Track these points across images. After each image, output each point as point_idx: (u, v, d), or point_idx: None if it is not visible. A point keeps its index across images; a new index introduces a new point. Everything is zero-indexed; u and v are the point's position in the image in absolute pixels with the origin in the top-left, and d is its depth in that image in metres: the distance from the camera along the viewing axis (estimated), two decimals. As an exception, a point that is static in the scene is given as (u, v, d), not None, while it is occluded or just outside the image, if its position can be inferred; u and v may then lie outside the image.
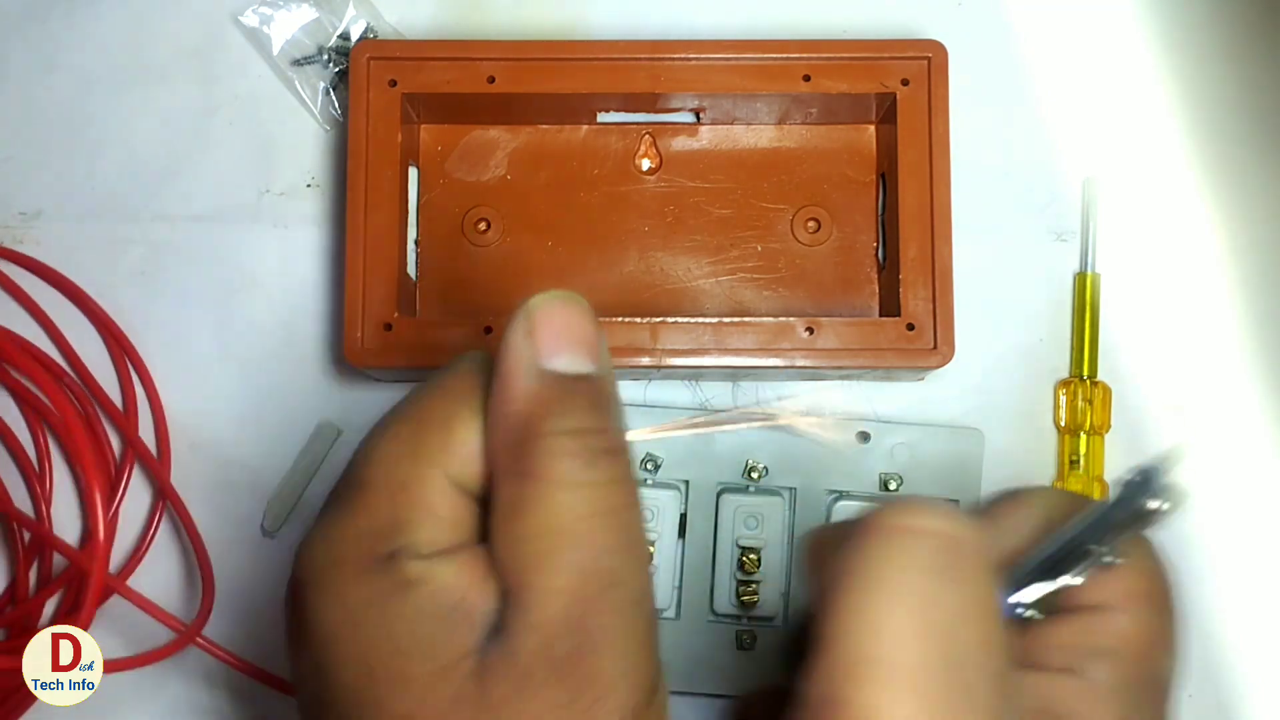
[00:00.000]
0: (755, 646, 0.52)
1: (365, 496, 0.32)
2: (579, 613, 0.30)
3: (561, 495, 0.31)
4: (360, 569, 0.31)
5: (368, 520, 0.32)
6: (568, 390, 0.32)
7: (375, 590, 0.31)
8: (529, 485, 0.31)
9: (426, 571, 0.31)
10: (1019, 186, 0.55)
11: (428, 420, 0.33)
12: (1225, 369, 0.54)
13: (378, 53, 0.51)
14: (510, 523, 0.31)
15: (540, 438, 0.31)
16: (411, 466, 0.32)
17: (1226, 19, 0.56)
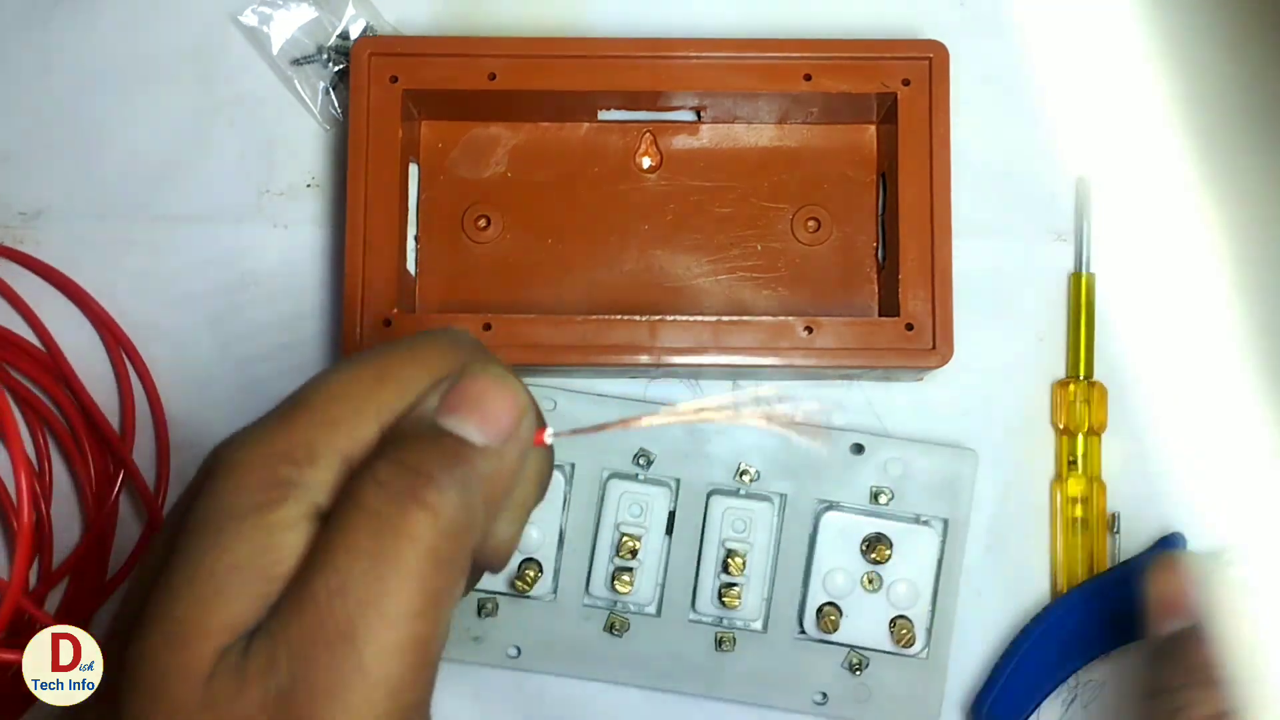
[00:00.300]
0: (734, 649, 0.52)
1: (295, 414, 0.32)
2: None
3: (361, 540, 0.30)
4: (254, 482, 0.31)
5: (285, 438, 0.31)
6: (437, 442, 0.31)
7: (248, 506, 0.30)
8: (342, 508, 0.30)
9: (280, 526, 0.30)
10: (1019, 186, 0.55)
11: (387, 375, 0.32)
12: (1223, 368, 0.54)
13: (379, 49, 0.51)
14: (317, 569, 0.30)
15: (376, 459, 0.31)
16: (351, 409, 0.32)
17: (1227, 20, 0.56)
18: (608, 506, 0.51)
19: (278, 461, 0.31)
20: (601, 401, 0.52)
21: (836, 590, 0.51)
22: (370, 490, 0.30)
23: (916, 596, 0.51)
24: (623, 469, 0.52)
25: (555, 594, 0.52)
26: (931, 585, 0.51)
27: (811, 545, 0.52)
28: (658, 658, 0.52)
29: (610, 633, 0.52)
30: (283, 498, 0.30)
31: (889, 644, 0.51)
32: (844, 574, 0.51)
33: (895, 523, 0.51)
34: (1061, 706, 0.53)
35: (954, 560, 0.51)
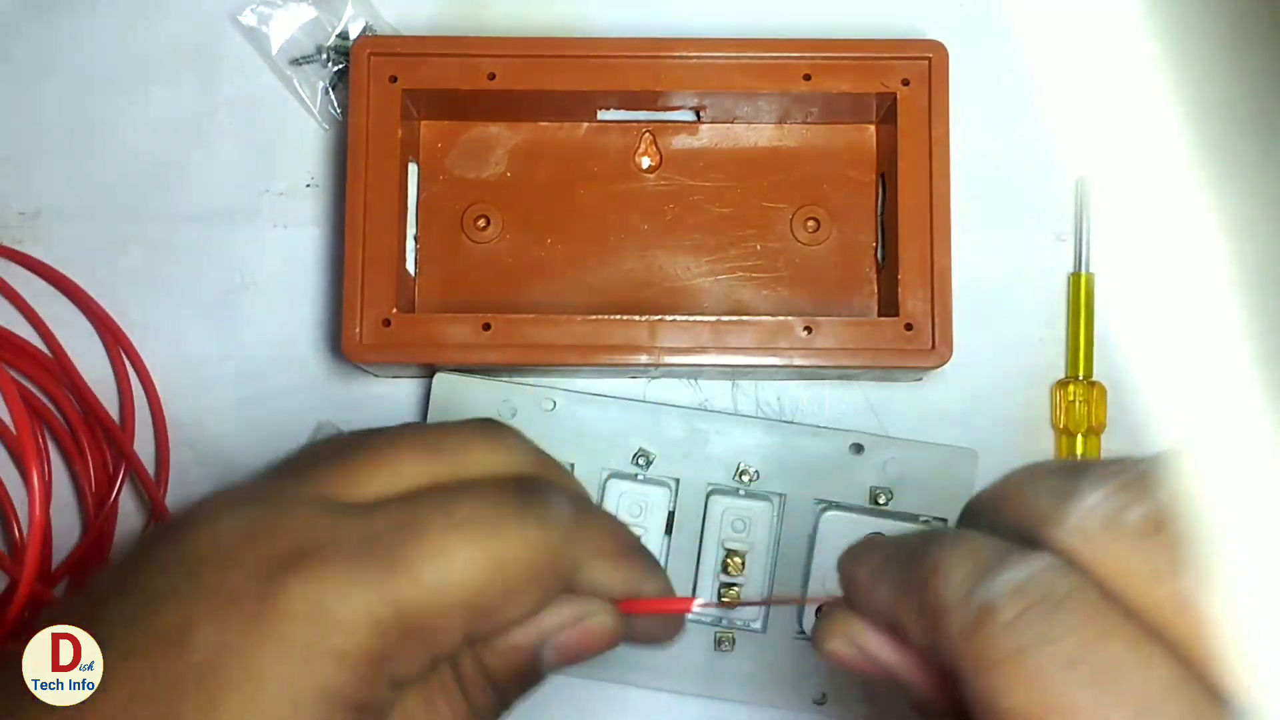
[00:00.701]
0: (734, 649, 0.51)
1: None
2: None
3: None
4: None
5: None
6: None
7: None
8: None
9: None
10: (1018, 187, 0.55)
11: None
12: (1223, 368, 0.54)
13: (378, 48, 0.51)
14: None
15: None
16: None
17: (1228, 20, 0.56)
18: (607, 506, 0.51)
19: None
20: (601, 402, 0.52)
21: (836, 590, 0.51)
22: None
23: (916, 596, 0.51)
24: (622, 469, 0.52)
25: (555, 594, 0.52)
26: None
27: (811, 545, 0.52)
28: (657, 657, 0.52)
29: (610, 633, 0.52)
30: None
31: (888, 644, 0.51)
32: (843, 574, 0.51)
33: (895, 523, 0.51)
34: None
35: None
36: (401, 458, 0.32)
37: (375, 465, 0.31)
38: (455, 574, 0.29)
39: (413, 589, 0.29)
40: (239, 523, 0.29)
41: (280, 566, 0.28)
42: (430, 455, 0.32)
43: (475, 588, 0.29)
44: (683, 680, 0.52)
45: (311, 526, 0.29)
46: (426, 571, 0.29)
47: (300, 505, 0.30)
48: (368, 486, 0.31)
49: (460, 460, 0.32)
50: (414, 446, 0.32)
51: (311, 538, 0.29)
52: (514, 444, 0.34)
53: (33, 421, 0.54)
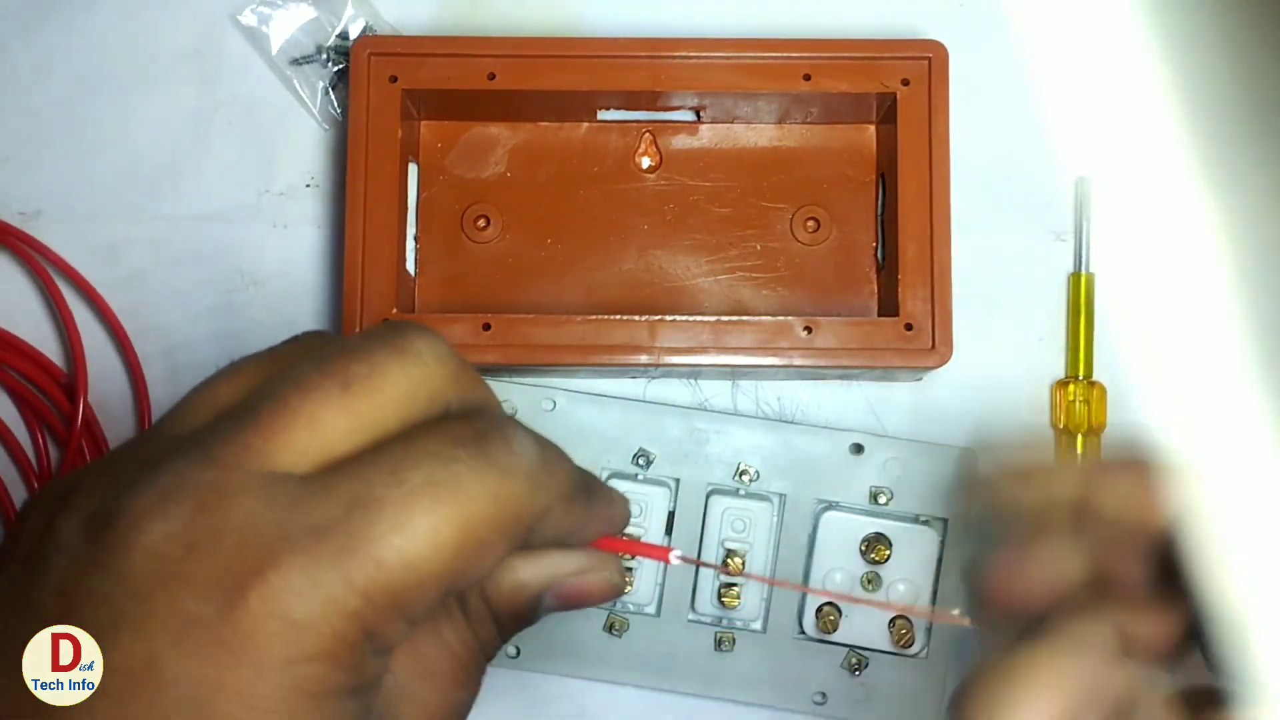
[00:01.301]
0: (734, 649, 0.51)
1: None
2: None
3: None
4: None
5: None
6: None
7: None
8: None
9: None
10: (1019, 186, 0.55)
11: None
12: (1223, 368, 0.54)
13: (378, 48, 0.51)
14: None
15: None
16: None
17: (1228, 20, 0.56)
18: (607, 506, 0.51)
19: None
20: (601, 401, 0.52)
21: (836, 590, 0.51)
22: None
23: (916, 597, 0.51)
24: (622, 469, 0.52)
25: (555, 594, 0.52)
26: (931, 585, 0.51)
27: (811, 545, 0.52)
28: (657, 658, 0.52)
29: (610, 633, 0.52)
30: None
31: (888, 644, 0.51)
32: (843, 574, 0.51)
33: (895, 523, 0.51)
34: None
35: (953, 560, 0.51)
36: (315, 406, 0.29)
37: (289, 421, 0.28)
38: (420, 547, 0.27)
39: (379, 572, 0.27)
40: (173, 529, 0.27)
41: (233, 580, 0.27)
42: (344, 393, 0.29)
43: (442, 557, 0.28)
44: (683, 680, 0.52)
45: (252, 523, 0.27)
46: (389, 552, 0.27)
47: (232, 495, 0.27)
48: (291, 449, 0.28)
49: (377, 390, 0.29)
50: (323, 388, 0.29)
51: (256, 538, 0.27)
52: (427, 354, 0.30)
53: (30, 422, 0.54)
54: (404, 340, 0.30)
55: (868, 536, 0.51)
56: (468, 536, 0.28)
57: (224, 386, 0.31)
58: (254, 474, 0.28)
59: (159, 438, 0.30)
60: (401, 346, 0.30)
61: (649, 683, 0.52)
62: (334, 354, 0.30)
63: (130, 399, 0.54)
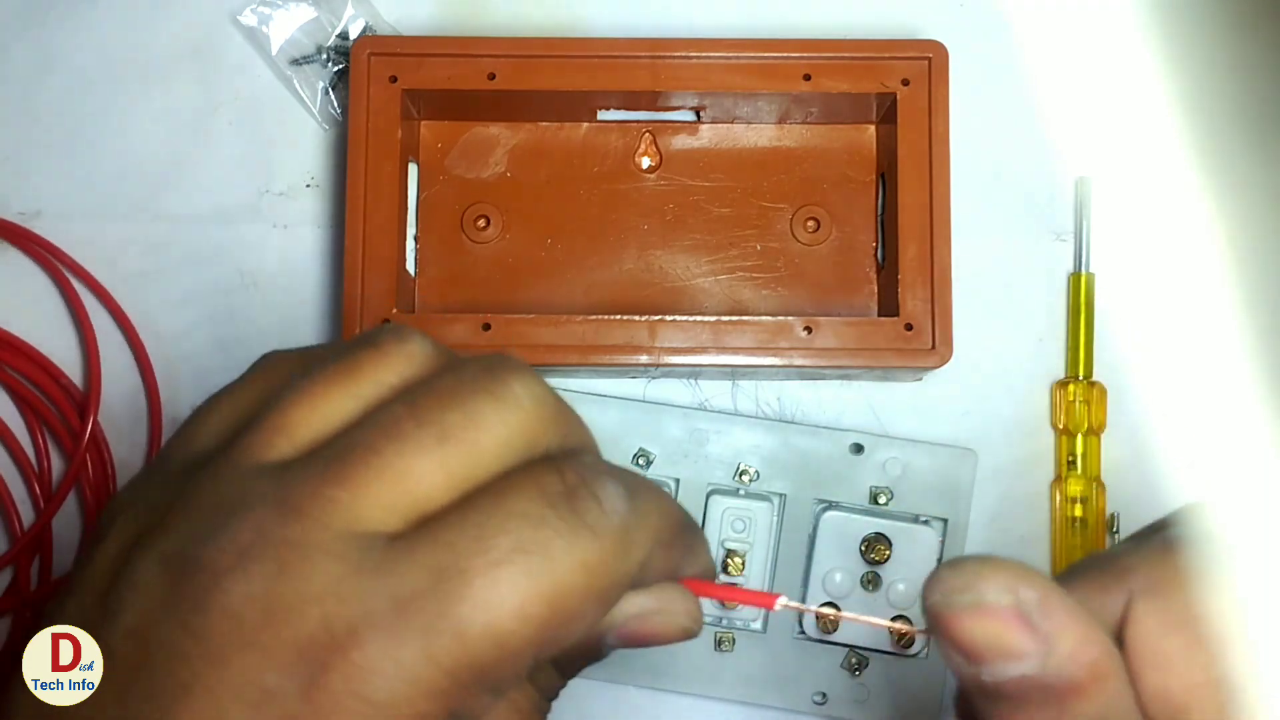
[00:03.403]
0: (733, 649, 0.51)
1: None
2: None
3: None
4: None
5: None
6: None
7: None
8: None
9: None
10: (1019, 186, 0.55)
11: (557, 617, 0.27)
12: (1223, 368, 0.54)
13: (378, 48, 0.51)
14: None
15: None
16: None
17: (1228, 20, 0.56)
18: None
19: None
20: (601, 401, 0.52)
21: (836, 590, 0.51)
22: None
23: (916, 596, 0.51)
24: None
25: (555, 594, 0.52)
26: (932, 585, 0.51)
27: (811, 545, 0.52)
28: (657, 657, 0.52)
29: (610, 633, 0.52)
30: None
31: (888, 644, 0.51)
32: (843, 574, 0.51)
33: (895, 522, 0.51)
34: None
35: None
36: (410, 459, 0.27)
37: (380, 474, 0.27)
38: (507, 622, 0.25)
39: (464, 649, 0.25)
40: (254, 590, 0.25)
41: (314, 655, 0.25)
42: (440, 445, 0.27)
43: (530, 630, 0.26)
44: (683, 680, 0.52)
45: (335, 592, 0.25)
46: (475, 628, 0.25)
47: (315, 557, 0.26)
48: (380, 505, 0.27)
49: (475, 443, 0.27)
50: (417, 439, 0.27)
51: (340, 610, 0.25)
52: (525, 399, 0.28)
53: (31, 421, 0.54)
54: (501, 386, 0.28)
55: (868, 536, 0.51)
56: (557, 608, 0.26)
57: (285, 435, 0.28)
58: (339, 533, 0.26)
59: (239, 470, 0.28)
60: (499, 393, 0.28)
61: (650, 683, 0.52)
62: (426, 398, 0.28)
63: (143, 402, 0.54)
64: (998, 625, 0.25)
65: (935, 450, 0.52)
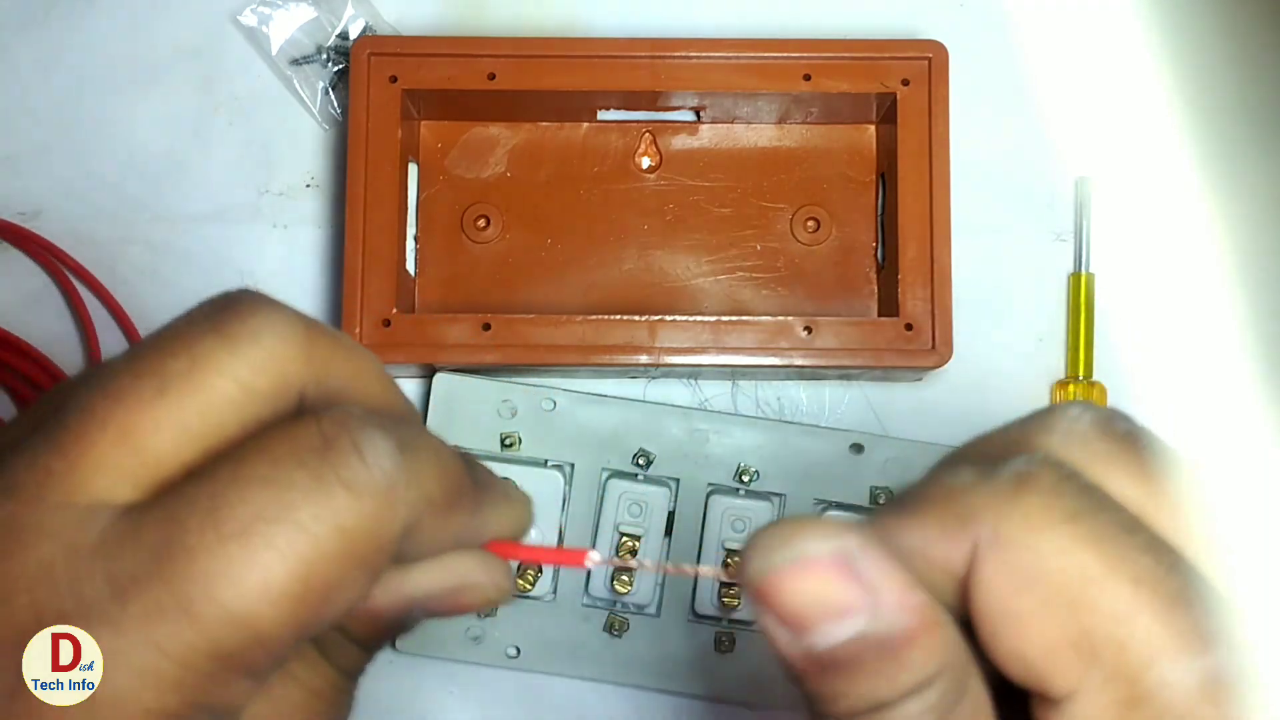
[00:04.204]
0: (734, 649, 0.51)
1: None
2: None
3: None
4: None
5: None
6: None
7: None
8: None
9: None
10: (1019, 186, 0.55)
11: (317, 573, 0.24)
12: (1224, 368, 0.54)
13: (378, 48, 0.51)
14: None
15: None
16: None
17: (1228, 20, 0.56)
18: (607, 507, 0.51)
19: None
20: (601, 401, 0.52)
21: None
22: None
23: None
24: (622, 469, 0.52)
25: (554, 594, 0.52)
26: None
27: (811, 545, 0.51)
28: (657, 658, 0.52)
29: (609, 633, 0.52)
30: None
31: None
32: (843, 574, 0.51)
33: (895, 523, 0.51)
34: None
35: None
36: (127, 414, 0.23)
37: (97, 436, 0.23)
38: (247, 602, 0.22)
39: (198, 636, 0.22)
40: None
41: (18, 647, 0.22)
42: (161, 398, 0.24)
43: (280, 609, 0.22)
44: (683, 680, 0.52)
45: (47, 576, 0.22)
46: (210, 611, 0.22)
47: (27, 537, 0.23)
48: (105, 471, 0.23)
49: (201, 389, 0.24)
50: (135, 393, 0.24)
51: (49, 597, 0.22)
52: (264, 333, 0.25)
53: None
54: (231, 321, 0.25)
55: (868, 536, 0.51)
56: (310, 581, 0.23)
57: (44, 408, 0.25)
58: (57, 508, 0.23)
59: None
60: (228, 330, 0.24)
61: (649, 683, 0.52)
62: (147, 347, 0.24)
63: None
64: (822, 579, 0.23)
65: (935, 450, 0.52)
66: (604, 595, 0.51)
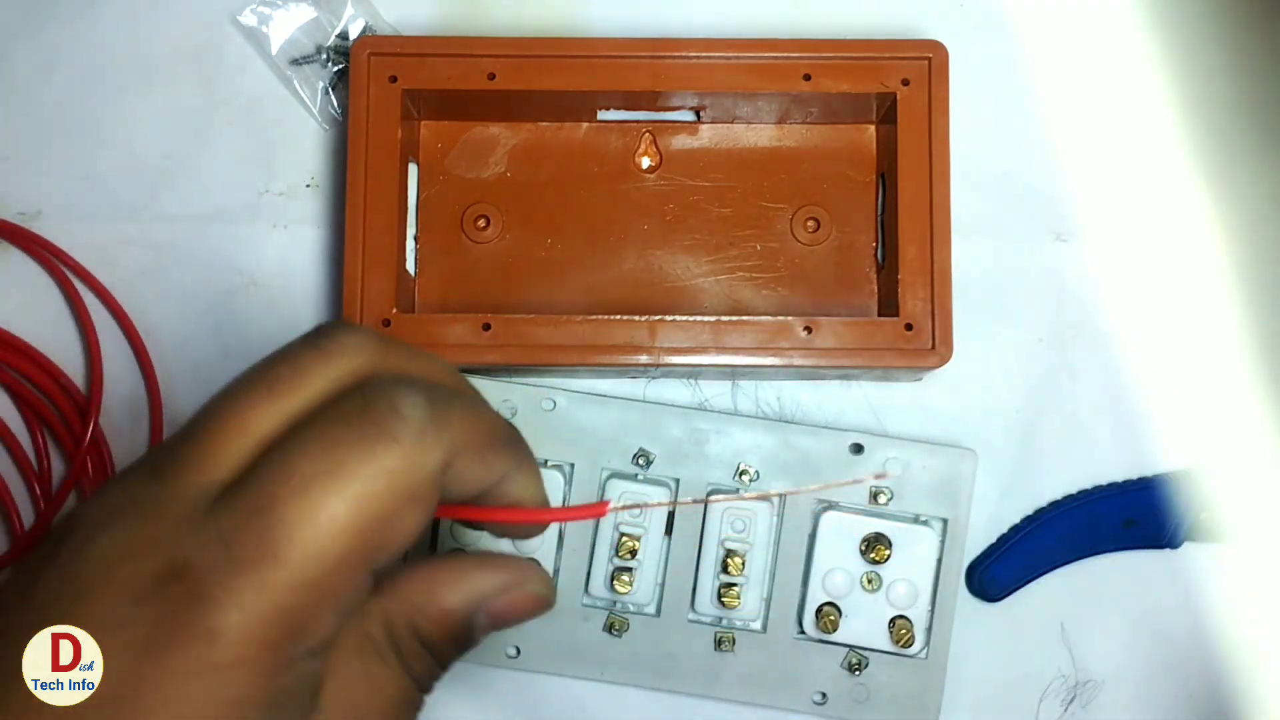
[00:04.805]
0: (733, 649, 0.51)
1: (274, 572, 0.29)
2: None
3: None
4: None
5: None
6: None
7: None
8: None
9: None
10: (1019, 186, 0.55)
11: (376, 509, 0.30)
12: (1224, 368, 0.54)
13: (378, 48, 0.51)
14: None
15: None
16: (344, 569, 0.30)
17: (1227, 19, 0.56)
18: (607, 506, 0.51)
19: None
20: (601, 401, 0.52)
21: (836, 590, 0.51)
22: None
23: (916, 596, 0.51)
24: (622, 469, 0.52)
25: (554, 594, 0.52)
26: (931, 585, 0.51)
27: (811, 545, 0.52)
28: (657, 658, 0.52)
29: (610, 633, 0.52)
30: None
31: (888, 644, 0.51)
32: (843, 574, 0.51)
33: (895, 523, 0.51)
34: (1060, 706, 0.53)
35: (954, 560, 0.51)
36: (244, 413, 0.30)
37: (221, 432, 0.29)
38: (319, 537, 0.28)
39: (287, 573, 0.28)
40: (118, 538, 0.29)
41: (159, 590, 0.28)
42: (270, 397, 0.30)
43: (347, 540, 0.28)
44: (683, 680, 0.52)
45: (175, 538, 0.28)
46: (293, 552, 0.28)
47: (165, 508, 0.29)
48: (224, 459, 0.29)
49: (299, 386, 0.30)
50: (249, 394, 0.30)
51: (179, 553, 0.28)
52: (348, 344, 0.31)
53: (31, 422, 0.54)
54: (324, 338, 0.31)
55: (868, 536, 0.51)
56: (367, 515, 0.29)
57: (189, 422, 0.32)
58: (185, 485, 0.29)
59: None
60: (321, 344, 0.31)
61: (649, 683, 0.52)
62: (261, 362, 0.31)
63: (144, 402, 0.54)
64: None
65: (935, 450, 0.52)
66: (604, 595, 0.52)
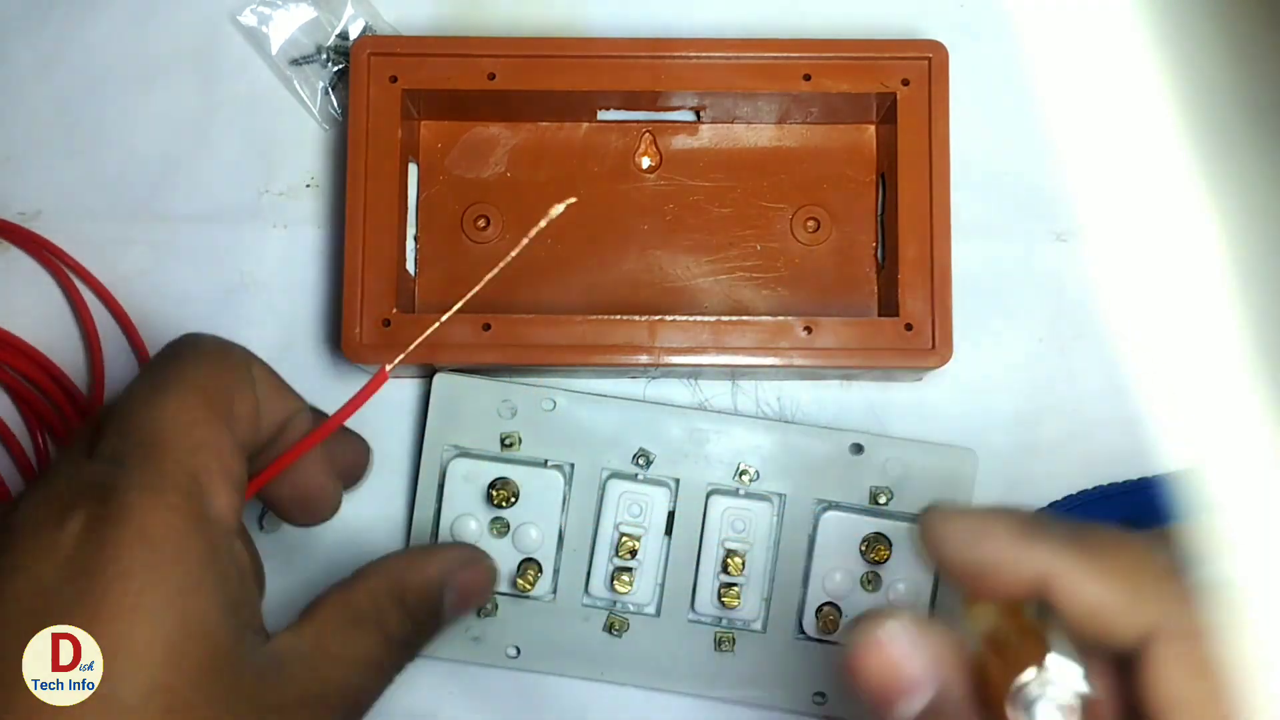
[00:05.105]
0: (733, 649, 0.51)
1: (161, 457, 0.36)
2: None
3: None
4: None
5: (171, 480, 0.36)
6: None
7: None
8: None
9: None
10: (1019, 186, 0.55)
11: (212, 390, 0.38)
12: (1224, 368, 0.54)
13: (378, 48, 0.51)
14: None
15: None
16: (207, 430, 0.37)
17: (1229, 19, 0.56)
18: (607, 506, 0.51)
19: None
20: (601, 401, 0.52)
21: (836, 590, 0.51)
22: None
23: (916, 596, 0.51)
24: (622, 469, 0.52)
25: (555, 594, 0.52)
26: (931, 585, 0.51)
27: (811, 545, 0.52)
28: (657, 658, 0.52)
29: (610, 633, 0.52)
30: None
31: (888, 644, 0.51)
32: (843, 574, 0.51)
33: (895, 523, 0.51)
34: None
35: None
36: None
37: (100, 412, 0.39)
38: (173, 416, 0.37)
39: (163, 450, 0.36)
40: (34, 498, 0.36)
41: (76, 508, 0.35)
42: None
43: (194, 413, 0.37)
44: (683, 680, 0.52)
45: (75, 475, 0.36)
46: (158, 435, 0.37)
47: (60, 468, 0.37)
48: (92, 423, 0.38)
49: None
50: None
51: (82, 479, 0.36)
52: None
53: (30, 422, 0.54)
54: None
55: (868, 536, 0.51)
56: (205, 389, 0.38)
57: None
58: (76, 450, 0.38)
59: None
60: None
61: (649, 683, 0.52)
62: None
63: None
64: (885, 654, 0.30)
65: (935, 450, 0.52)
66: (604, 595, 0.52)
